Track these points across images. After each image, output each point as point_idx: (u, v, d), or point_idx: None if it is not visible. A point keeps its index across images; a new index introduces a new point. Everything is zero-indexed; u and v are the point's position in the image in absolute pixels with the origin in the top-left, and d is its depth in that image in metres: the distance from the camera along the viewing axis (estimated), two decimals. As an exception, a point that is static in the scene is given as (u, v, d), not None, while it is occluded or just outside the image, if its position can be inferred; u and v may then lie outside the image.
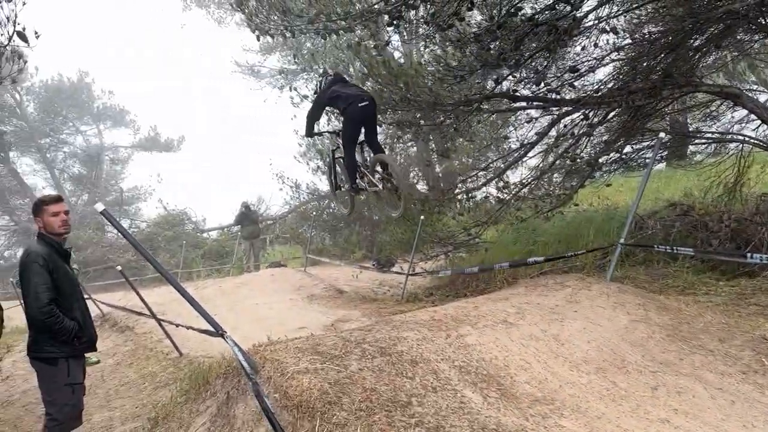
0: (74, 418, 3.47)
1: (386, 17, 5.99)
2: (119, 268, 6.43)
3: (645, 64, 6.68)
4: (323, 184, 15.76)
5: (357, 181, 6.34)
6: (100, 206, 3.05)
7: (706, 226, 6.45)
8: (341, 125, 6.35)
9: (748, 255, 4.65)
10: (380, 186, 6.12)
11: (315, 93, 6.79)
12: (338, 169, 6.83)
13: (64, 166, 28.12)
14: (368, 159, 6.45)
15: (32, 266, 3.30)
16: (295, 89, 9.29)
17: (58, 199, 3.56)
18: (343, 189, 6.85)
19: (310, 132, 6.57)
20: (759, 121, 7.27)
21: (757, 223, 6.04)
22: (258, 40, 6.64)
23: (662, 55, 6.52)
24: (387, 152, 7.45)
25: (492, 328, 4.07)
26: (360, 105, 5.82)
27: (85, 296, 10.04)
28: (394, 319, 4.65)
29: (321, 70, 6.78)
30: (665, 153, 10.68)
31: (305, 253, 13.46)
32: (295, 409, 2.92)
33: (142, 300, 6.65)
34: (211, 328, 3.34)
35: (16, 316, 7.86)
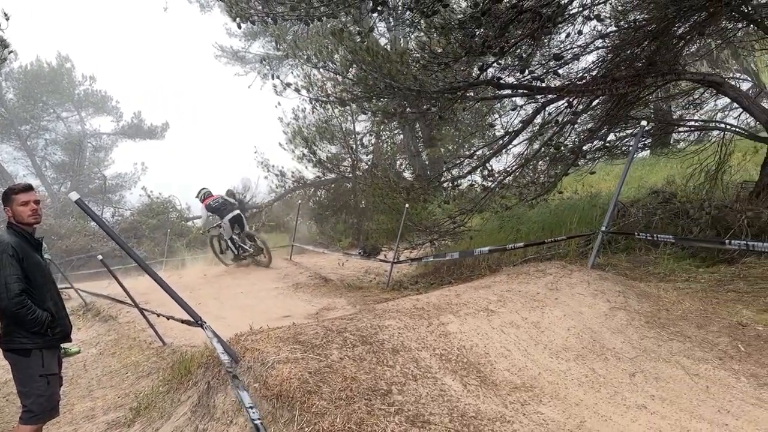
0: (50, 409, 3.43)
1: (370, 3, 5.92)
2: (100, 257, 6.35)
3: (629, 51, 6.69)
4: (309, 172, 15.78)
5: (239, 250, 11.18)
6: (74, 195, 2.99)
7: (687, 213, 6.52)
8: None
9: (727, 242, 4.70)
10: (250, 250, 11.07)
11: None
12: (216, 244, 11.80)
13: (46, 153, 27.64)
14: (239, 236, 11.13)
15: (2, 257, 3.23)
16: (278, 77, 9.18)
17: (27, 188, 3.46)
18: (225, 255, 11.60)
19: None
20: (741, 109, 7.33)
21: (736, 210, 6.10)
22: (239, 27, 6.54)
23: (646, 43, 6.52)
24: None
25: (473, 316, 4.09)
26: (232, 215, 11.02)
27: (66, 286, 9.97)
28: (376, 307, 4.65)
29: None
30: (649, 141, 10.74)
31: (291, 241, 13.40)
32: (274, 399, 2.91)
33: (124, 289, 6.59)
34: (191, 318, 3.31)
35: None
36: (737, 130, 7.30)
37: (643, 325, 4.06)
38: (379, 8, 5.94)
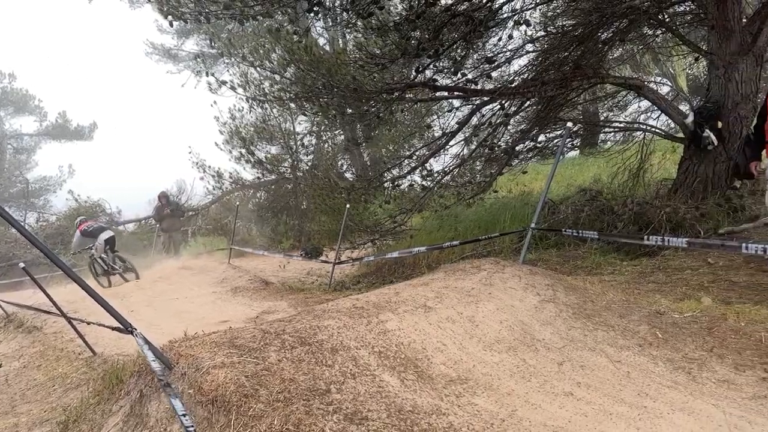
0: (-33, 428, 3.23)
1: (305, 3, 5.90)
2: (22, 265, 5.99)
3: (557, 55, 6.99)
4: (247, 173, 15.50)
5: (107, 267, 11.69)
6: (-11, 200, 2.83)
7: (612, 209, 6.88)
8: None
9: (645, 237, 5.00)
10: (119, 269, 11.76)
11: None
12: (93, 269, 11.94)
13: (-40, 155, 25.81)
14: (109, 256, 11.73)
15: None
16: (213, 75, 8.98)
17: None
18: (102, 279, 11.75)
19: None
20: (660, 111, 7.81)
21: (656, 206, 6.51)
22: (171, 25, 6.36)
23: (572, 48, 6.84)
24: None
25: (411, 313, 4.16)
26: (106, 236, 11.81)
27: (-15, 296, 9.34)
28: (316, 308, 4.64)
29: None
30: (578, 141, 11.27)
31: (229, 244, 13.12)
32: (210, 404, 2.86)
33: (49, 297, 6.26)
34: (120, 326, 3.20)
35: None
36: (657, 131, 7.78)
37: (571, 316, 4.26)
38: (315, 8, 5.93)
